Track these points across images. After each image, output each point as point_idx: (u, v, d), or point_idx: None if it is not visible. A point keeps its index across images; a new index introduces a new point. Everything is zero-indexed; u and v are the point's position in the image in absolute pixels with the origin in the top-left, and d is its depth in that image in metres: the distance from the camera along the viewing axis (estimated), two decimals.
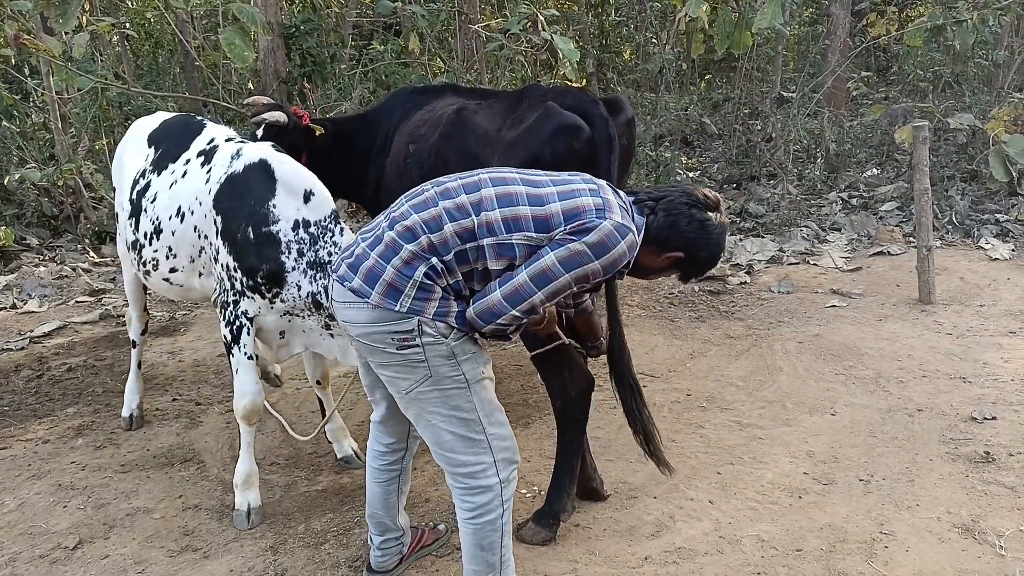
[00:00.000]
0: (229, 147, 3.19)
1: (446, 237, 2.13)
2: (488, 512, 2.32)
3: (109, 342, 5.27)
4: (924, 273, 5.17)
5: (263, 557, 2.95)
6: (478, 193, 2.17)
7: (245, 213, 2.96)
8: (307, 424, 4.01)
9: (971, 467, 3.32)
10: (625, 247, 2.15)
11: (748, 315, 5.21)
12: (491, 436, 2.29)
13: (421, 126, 3.40)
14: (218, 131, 3.41)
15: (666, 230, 2.27)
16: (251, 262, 2.96)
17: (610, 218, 2.12)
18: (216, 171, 3.12)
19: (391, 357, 2.20)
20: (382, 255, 2.16)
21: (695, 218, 2.27)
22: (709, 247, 2.31)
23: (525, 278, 2.12)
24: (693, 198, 2.30)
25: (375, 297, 2.14)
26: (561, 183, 2.24)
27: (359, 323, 2.19)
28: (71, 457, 3.77)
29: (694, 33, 7.60)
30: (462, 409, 2.24)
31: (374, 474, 2.67)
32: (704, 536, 2.96)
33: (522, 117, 3.00)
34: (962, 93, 7.95)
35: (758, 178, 7.86)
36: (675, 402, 4.06)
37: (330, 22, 9.12)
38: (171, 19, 7.92)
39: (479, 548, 2.36)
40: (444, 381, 2.21)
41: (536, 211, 2.13)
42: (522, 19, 5.71)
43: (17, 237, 7.23)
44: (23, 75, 7.87)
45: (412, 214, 2.18)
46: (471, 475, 2.30)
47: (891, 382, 4.12)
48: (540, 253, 2.13)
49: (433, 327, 2.15)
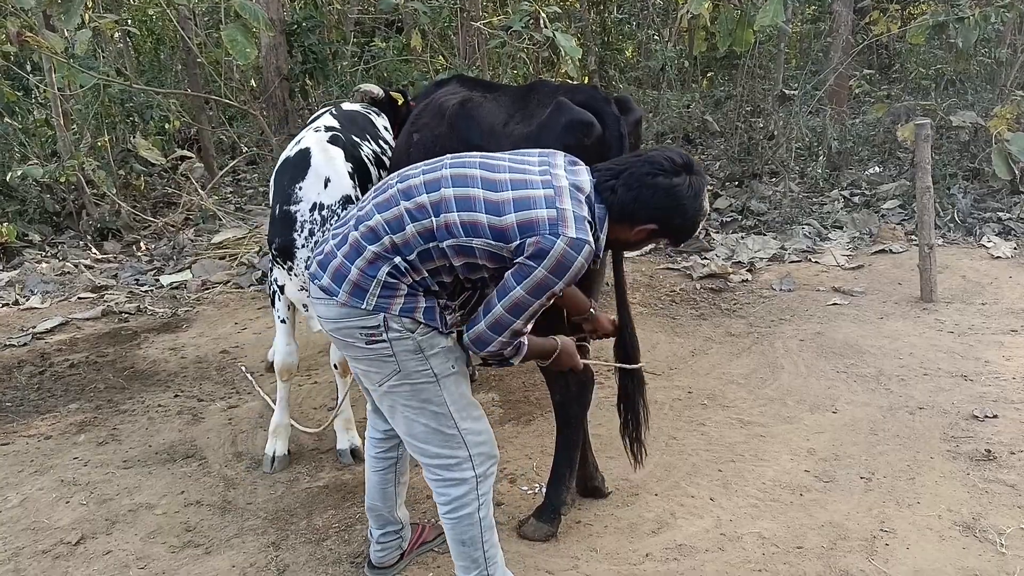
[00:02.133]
0: (302, 135, 3.52)
1: (408, 237, 2.14)
2: (464, 506, 2.34)
3: (111, 339, 5.28)
4: (926, 271, 5.17)
5: (265, 553, 2.96)
6: (438, 192, 2.15)
7: (280, 191, 3.32)
8: (310, 420, 4.02)
9: (972, 465, 3.32)
10: (583, 260, 2.11)
11: (750, 313, 5.21)
12: (464, 431, 2.31)
13: (423, 114, 3.39)
14: (321, 120, 3.67)
15: (630, 205, 2.20)
16: (272, 234, 3.34)
17: (563, 234, 2.07)
18: (284, 153, 3.49)
19: (362, 351, 2.24)
20: (347, 255, 2.19)
21: (659, 187, 2.19)
22: (683, 213, 2.23)
23: (502, 311, 2.15)
24: (657, 165, 2.21)
25: (342, 296, 2.18)
26: (518, 176, 2.17)
27: (330, 319, 2.24)
28: (73, 453, 3.78)
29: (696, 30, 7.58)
30: (432, 403, 2.27)
31: (371, 463, 2.70)
32: (705, 533, 2.97)
33: (532, 112, 2.99)
34: (964, 91, 7.93)
35: (760, 176, 7.85)
36: (676, 399, 4.06)
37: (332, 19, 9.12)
38: (173, 16, 7.93)
39: (460, 543, 2.40)
40: (413, 375, 2.24)
41: (492, 220, 2.10)
42: (524, 16, 5.70)
43: (19, 233, 7.23)
44: (25, 71, 7.87)
45: (375, 214, 2.18)
46: (445, 467, 2.33)
47: (892, 380, 4.12)
48: (507, 285, 2.12)
49: (399, 322, 2.18)
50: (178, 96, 8.51)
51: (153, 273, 6.69)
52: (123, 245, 7.49)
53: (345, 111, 3.83)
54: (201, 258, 6.88)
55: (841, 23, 8.57)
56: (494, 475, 2.42)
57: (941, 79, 8.09)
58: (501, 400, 4.15)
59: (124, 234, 7.63)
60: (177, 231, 7.58)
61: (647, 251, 6.41)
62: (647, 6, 9.66)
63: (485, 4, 9.03)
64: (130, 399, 4.37)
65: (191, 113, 8.52)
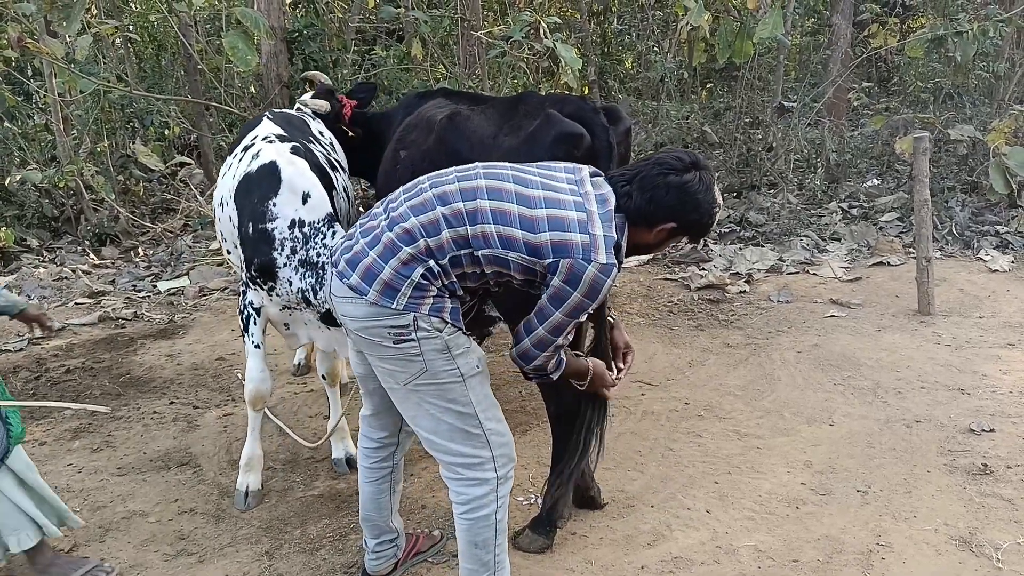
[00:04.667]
0: (257, 146, 3.31)
1: (443, 242, 2.18)
2: (483, 507, 2.35)
3: (107, 344, 5.26)
4: (923, 284, 5.17)
5: (259, 562, 2.94)
6: (474, 202, 2.19)
7: (249, 210, 3.12)
8: (305, 429, 4.01)
9: (969, 479, 3.31)
10: (611, 281, 2.21)
11: (747, 324, 5.20)
12: (488, 431, 2.34)
13: (412, 131, 3.40)
14: (265, 128, 3.51)
15: (646, 207, 2.28)
16: (248, 255, 3.12)
17: (595, 260, 2.16)
18: (241, 168, 3.28)
19: (388, 351, 2.25)
20: (380, 255, 2.21)
21: (671, 185, 2.27)
22: (698, 207, 2.30)
23: (544, 332, 2.26)
24: (666, 166, 2.29)
25: (372, 295, 2.19)
26: (552, 194, 2.23)
27: (357, 317, 2.25)
28: (68, 459, 3.77)
29: (696, 42, 7.62)
30: (458, 403, 2.30)
31: (366, 473, 2.69)
32: (701, 545, 2.96)
33: (520, 124, 2.99)
34: (963, 104, 7.96)
35: (758, 187, 7.86)
36: (673, 411, 4.05)
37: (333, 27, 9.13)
38: (174, 22, 7.93)
39: (473, 545, 2.40)
40: (440, 375, 2.26)
41: (528, 236, 2.17)
42: (525, 26, 5.72)
43: (17, 238, 7.24)
44: (26, 76, 7.89)
45: (411, 216, 2.21)
46: (468, 466, 2.34)
47: (889, 393, 4.11)
48: (546, 310, 2.23)
49: (428, 322, 2.21)
50: (178, 102, 8.52)
51: (151, 279, 6.69)
52: (121, 251, 7.49)
53: (281, 115, 3.73)
54: (199, 264, 6.88)
55: (840, 36, 8.61)
56: (512, 479, 2.43)
57: (940, 92, 8.11)
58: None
59: (122, 240, 7.64)
60: (175, 237, 7.58)
61: (645, 261, 6.42)
62: (647, 17, 9.70)
63: (486, 14, 9.06)
64: (125, 405, 4.36)
65: (191, 119, 8.52)
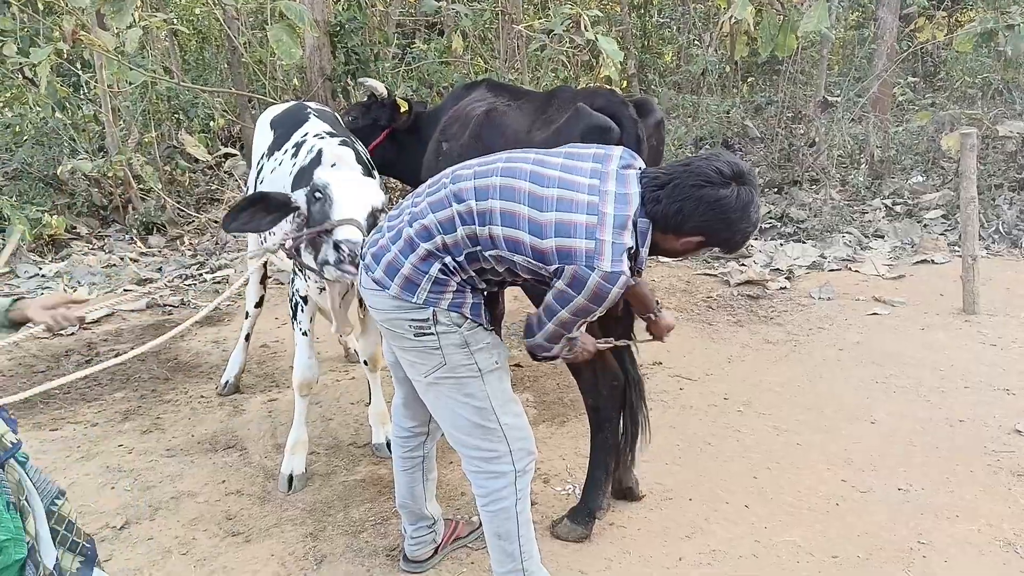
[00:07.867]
0: (310, 143, 3.39)
1: (458, 239, 2.21)
2: (502, 499, 2.39)
3: (155, 330, 5.39)
4: (969, 283, 5.09)
5: (303, 543, 3.01)
6: (486, 202, 2.18)
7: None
8: (346, 416, 4.08)
9: (1014, 480, 3.27)
10: (618, 290, 2.13)
11: (788, 321, 5.17)
12: (505, 426, 2.37)
13: (453, 124, 3.44)
14: (314, 126, 3.60)
15: (674, 217, 2.16)
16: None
17: (598, 267, 2.08)
18: (298, 163, 3.37)
19: (409, 343, 2.31)
20: (401, 250, 2.27)
21: (704, 200, 2.13)
22: (729, 226, 2.18)
23: (553, 327, 2.27)
24: (703, 177, 2.14)
25: (394, 288, 2.25)
26: (566, 193, 2.16)
27: (381, 309, 2.32)
28: (118, 440, 3.88)
29: (738, 35, 7.54)
30: (475, 397, 2.33)
31: (399, 462, 2.75)
32: (739, 539, 2.97)
33: (551, 118, 3.02)
34: (1012, 100, 7.79)
35: (800, 183, 7.78)
36: (712, 405, 4.05)
37: (375, 20, 9.20)
38: (219, 15, 8.07)
39: (496, 536, 2.45)
40: (458, 369, 2.31)
41: (534, 241, 2.14)
42: (565, 19, 5.72)
43: (68, 226, 7.44)
44: (76, 68, 8.07)
45: (429, 213, 2.25)
46: (485, 459, 2.39)
47: (932, 392, 4.07)
48: (553, 308, 2.21)
49: (447, 316, 2.26)
50: (223, 94, 8.67)
51: (196, 267, 6.83)
52: (167, 239, 7.65)
53: (323, 112, 3.81)
54: (243, 254, 7.01)
55: (886, 29, 8.45)
56: (532, 472, 2.46)
57: (988, 88, 7.95)
58: (536, 401, 4.17)
59: (168, 229, 7.80)
60: (220, 227, 7.72)
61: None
62: (688, 10, 9.63)
63: (526, 7, 9.07)
64: (173, 389, 4.48)
65: (235, 111, 8.67)
